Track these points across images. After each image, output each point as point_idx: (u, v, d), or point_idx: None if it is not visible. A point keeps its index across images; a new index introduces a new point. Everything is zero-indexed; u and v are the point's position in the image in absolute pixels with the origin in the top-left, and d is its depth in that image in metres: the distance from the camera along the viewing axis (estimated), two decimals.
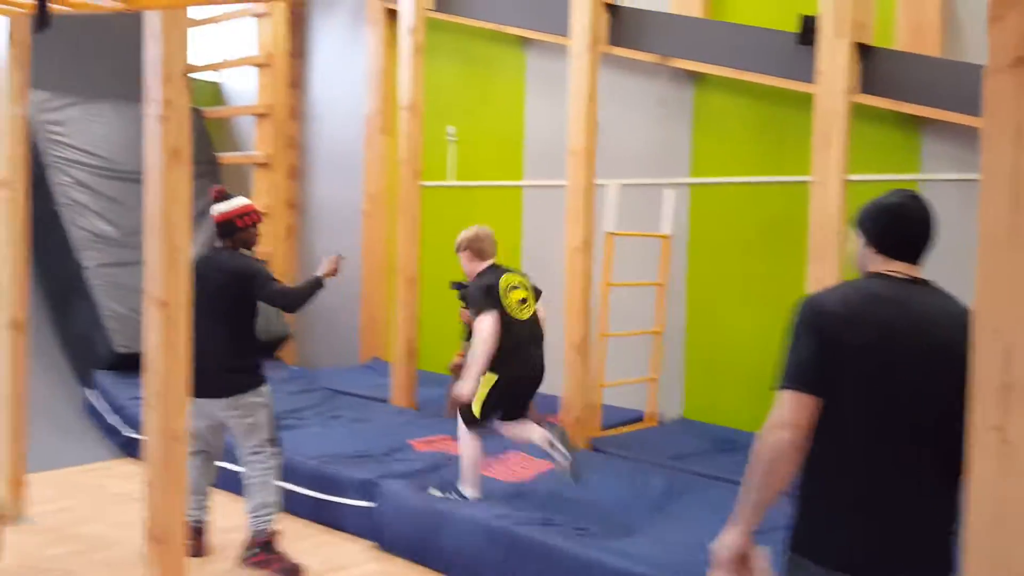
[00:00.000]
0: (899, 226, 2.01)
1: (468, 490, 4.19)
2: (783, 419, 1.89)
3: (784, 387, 1.91)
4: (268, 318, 6.94)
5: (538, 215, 7.01)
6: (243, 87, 8.72)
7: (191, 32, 8.42)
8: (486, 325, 3.93)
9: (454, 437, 5.19)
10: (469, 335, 6.07)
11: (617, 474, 4.65)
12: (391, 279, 6.65)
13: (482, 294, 4.02)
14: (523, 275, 4.28)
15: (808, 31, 4.80)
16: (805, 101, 5.13)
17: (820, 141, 4.53)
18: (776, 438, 1.89)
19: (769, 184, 5.78)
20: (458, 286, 5.00)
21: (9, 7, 3.92)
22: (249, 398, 3.96)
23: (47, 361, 6.56)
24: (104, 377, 6.33)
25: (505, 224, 7.25)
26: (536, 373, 4.17)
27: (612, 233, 5.69)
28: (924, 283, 2.00)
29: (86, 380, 6.51)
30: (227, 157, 7.83)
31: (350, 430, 5.66)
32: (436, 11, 6.62)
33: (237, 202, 4.08)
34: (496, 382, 4.02)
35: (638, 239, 6.09)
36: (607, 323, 5.73)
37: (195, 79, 8.86)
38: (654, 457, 5.10)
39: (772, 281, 5.70)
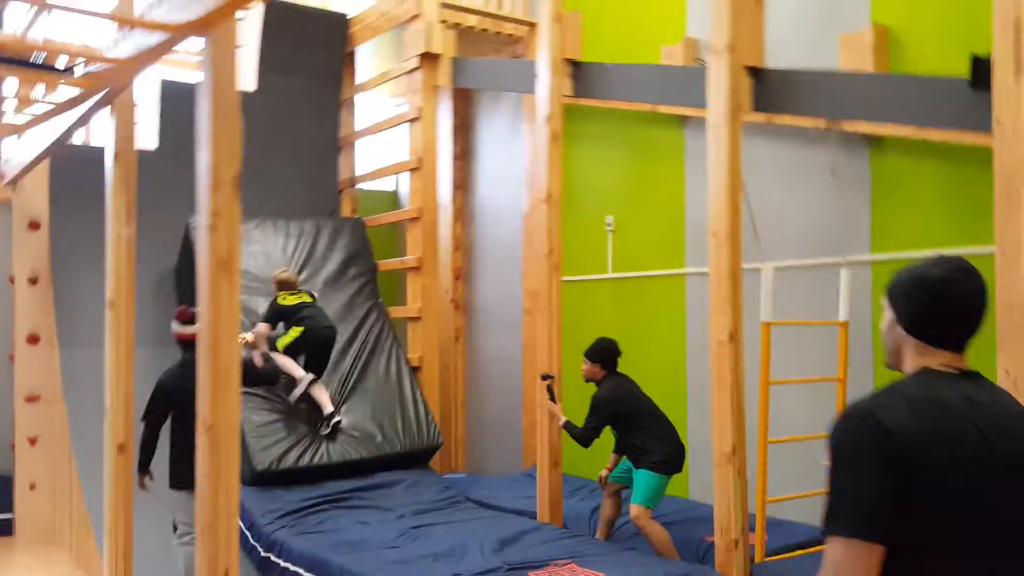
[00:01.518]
0: (941, 309, 1.64)
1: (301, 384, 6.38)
2: None
3: (842, 533, 1.50)
4: (413, 431, 6.64)
5: (702, 303, 6.31)
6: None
7: (359, 144, 8.71)
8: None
9: (580, 563, 4.59)
10: (617, 446, 5.49)
11: None
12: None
13: (270, 305, 6.57)
14: (298, 294, 6.60)
15: (981, 73, 3.89)
16: None
17: (1002, 204, 3.60)
18: None
19: (967, 256, 4.78)
20: (546, 377, 5.70)
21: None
22: None
23: None
24: (248, 494, 5.98)
25: (667, 314, 6.64)
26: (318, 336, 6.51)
27: (768, 323, 4.90)
28: (973, 376, 1.65)
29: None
30: (384, 263, 7.84)
31: (463, 550, 4.93)
32: (574, 97, 6.27)
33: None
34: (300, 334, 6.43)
35: (810, 329, 5.23)
36: (767, 427, 4.88)
37: (368, 189, 9.09)
38: None
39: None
